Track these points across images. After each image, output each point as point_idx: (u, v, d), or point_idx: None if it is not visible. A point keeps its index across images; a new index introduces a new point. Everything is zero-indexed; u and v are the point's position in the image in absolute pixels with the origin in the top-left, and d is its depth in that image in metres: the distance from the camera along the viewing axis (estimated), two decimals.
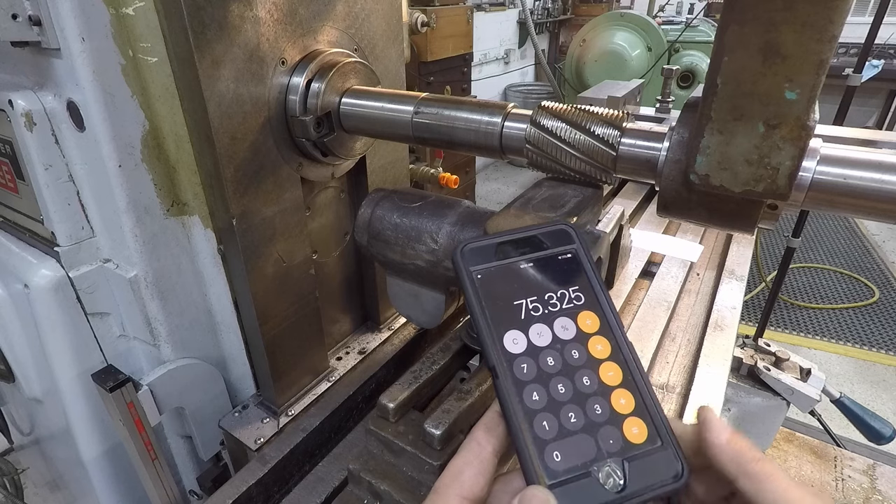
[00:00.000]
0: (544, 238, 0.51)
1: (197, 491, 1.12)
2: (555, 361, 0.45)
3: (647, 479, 0.42)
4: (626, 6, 7.17)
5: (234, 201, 0.81)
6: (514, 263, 0.49)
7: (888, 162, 0.54)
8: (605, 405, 0.44)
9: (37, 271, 0.89)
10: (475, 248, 0.49)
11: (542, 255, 0.50)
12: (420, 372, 0.70)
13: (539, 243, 0.50)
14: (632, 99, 1.80)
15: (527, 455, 0.42)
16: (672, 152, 0.63)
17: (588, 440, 0.43)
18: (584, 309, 0.48)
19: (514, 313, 0.47)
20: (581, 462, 0.42)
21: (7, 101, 0.80)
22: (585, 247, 0.51)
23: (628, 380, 0.46)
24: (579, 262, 0.50)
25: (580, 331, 0.47)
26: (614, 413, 0.44)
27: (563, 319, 0.47)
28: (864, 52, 2.35)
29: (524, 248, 0.50)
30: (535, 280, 0.49)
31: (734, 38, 0.50)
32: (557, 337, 0.46)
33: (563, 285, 0.49)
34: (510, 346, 0.45)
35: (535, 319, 0.47)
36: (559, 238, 0.51)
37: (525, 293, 0.48)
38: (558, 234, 0.51)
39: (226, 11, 0.73)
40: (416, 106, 0.84)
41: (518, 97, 7.02)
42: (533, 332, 0.46)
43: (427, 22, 3.08)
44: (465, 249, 0.49)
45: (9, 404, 1.25)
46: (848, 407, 2.11)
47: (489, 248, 0.49)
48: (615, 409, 0.44)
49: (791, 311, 4.19)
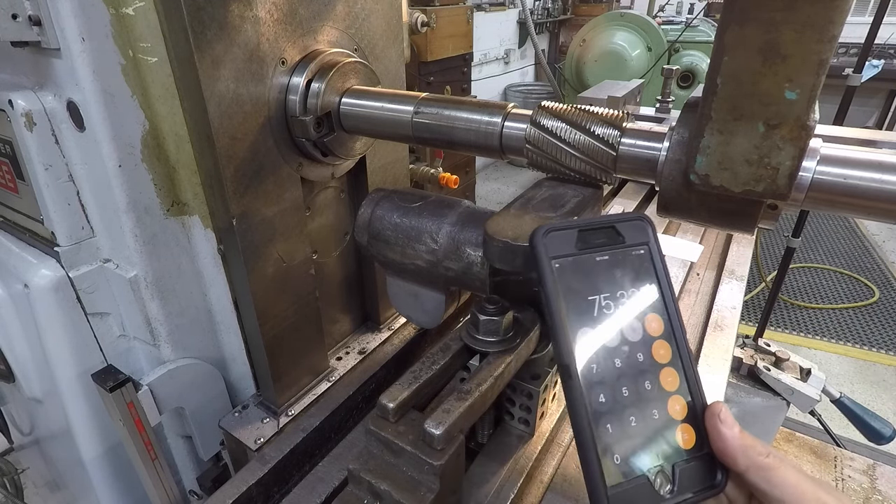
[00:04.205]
0: (622, 230, 0.50)
1: (197, 491, 1.12)
2: (621, 363, 0.45)
3: (693, 485, 0.43)
4: (626, 6, 7.17)
5: (234, 201, 0.81)
6: (591, 255, 0.48)
7: (888, 162, 0.54)
8: (663, 410, 0.44)
9: (37, 271, 0.89)
10: (556, 235, 0.48)
11: (618, 250, 0.49)
12: (420, 372, 0.70)
13: (616, 235, 0.50)
14: (632, 99, 1.80)
15: (592, 457, 0.42)
16: (672, 152, 0.63)
17: (646, 445, 0.43)
18: (652, 311, 0.48)
19: (587, 309, 0.46)
20: (638, 466, 0.42)
21: (7, 101, 0.80)
22: (658, 244, 0.50)
23: (684, 387, 0.46)
24: (651, 260, 0.50)
25: (646, 333, 0.47)
26: (670, 419, 0.44)
27: (632, 320, 0.47)
28: (864, 52, 2.35)
29: (602, 239, 0.49)
30: (610, 275, 0.48)
31: (734, 38, 0.50)
32: (626, 338, 0.46)
33: (634, 283, 0.48)
34: (583, 345, 0.45)
35: (606, 317, 0.46)
36: (636, 231, 0.50)
37: (600, 288, 0.47)
38: (635, 226, 0.50)
39: (226, 11, 0.73)
40: (416, 106, 0.84)
41: (518, 97, 7.02)
42: (604, 331, 0.46)
43: (427, 22, 3.08)
44: (546, 234, 0.48)
45: (9, 404, 1.25)
46: (848, 407, 2.11)
47: (570, 236, 0.48)
48: (671, 414, 0.45)
49: (791, 311, 4.19)
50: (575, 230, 0.48)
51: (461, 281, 0.88)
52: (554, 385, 0.89)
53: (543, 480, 0.84)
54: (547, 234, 0.47)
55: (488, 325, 0.73)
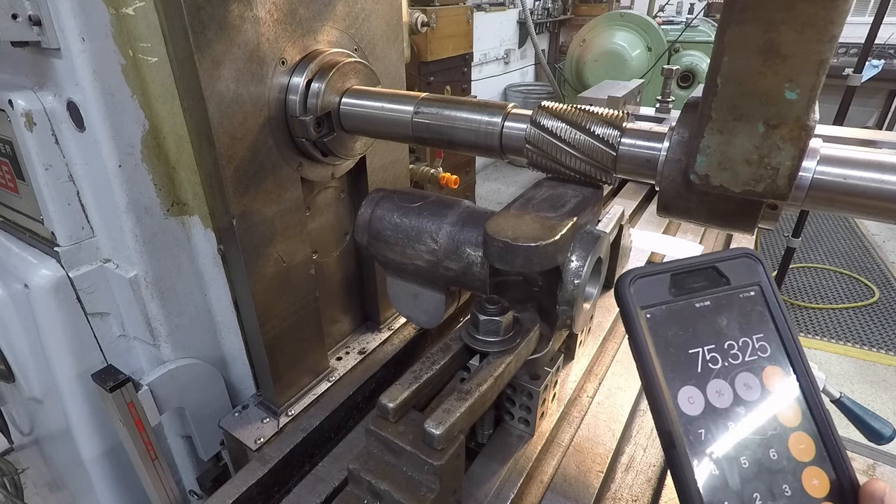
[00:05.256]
0: (725, 270, 0.44)
1: (197, 491, 1.12)
2: (736, 427, 0.38)
3: None
4: (626, 6, 7.17)
5: (234, 201, 0.81)
6: (690, 302, 0.42)
7: (888, 162, 0.54)
8: (797, 485, 0.37)
9: (37, 271, 0.89)
10: (646, 281, 0.42)
11: (722, 294, 0.43)
12: (420, 372, 0.70)
13: (718, 276, 0.44)
14: (632, 99, 1.80)
15: None
16: (672, 152, 0.63)
17: None
18: (770, 363, 0.41)
19: (689, 364, 0.40)
20: None
21: (7, 101, 0.80)
22: (772, 283, 0.44)
23: (822, 455, 0.38)
24: (765, 302, 0.43)
25: (766, 389, 0.40)
26: (806, 496, 0.37)
27: (745, 375, 0.40)
28: (864, 52, 2.36)
29: (701, 283, 0.43)
30: (714, 324, 0.42)
31: (734, 38, 0.50)
32: (739, 397, 0.39)
33: (745, 331, 0.42)
34: (686, 407, 0.39)
35: (713, 373, 0.40)
36: (742, 270, 0.44)
37: (702, 340, 0.41)
38: (741, 265, 0.44)
39: (226, 11, 0.73)
40: (416, 106, 0.84)
41: (518, 97, 7.02)
42: (711, 390, 0.39)
43: (427, 22, 3.08)
44: (633, 281, 0.42)
45: (9, 404, 1.25)
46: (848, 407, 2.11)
47: (661, 281, 0.43)
48: (808, 490, 0.37)
49: (791, 311, 4.19)
50: (668, 274, 0.43)
51: (461, 281, 0.88)
52: (554, 385, 0.89)
53: (543, 480, 0.84)
54: (634, 280, 0.42)
55: (488, 325, 0.73)
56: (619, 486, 0.85)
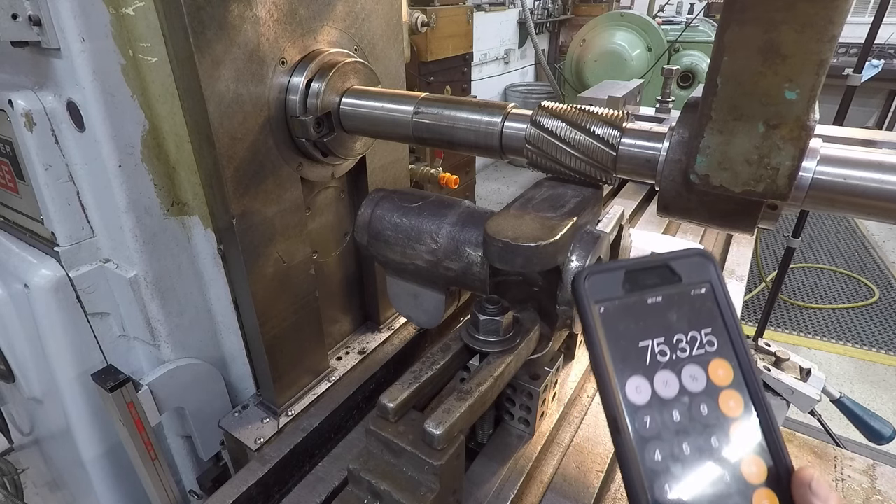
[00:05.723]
0: (677, 268, 0.45)
1: (197, 491, 1.12)
2: (681, 417, 0.41)
3: None
4: (626, 6, 7.17)
5: (234, 201, 0.81)
6: (641, 298, 0.44)
7: (888, 162, 0.54)
8: (736, 473, 0.39)
9: (37, 271, 0.89)
10: (600, 277, 0.44)
11: (674, 290, 0.44)
12: (420, 372, 0.70)
13: (671, 274, 0.45)
14: (632, 99, 1.80)
15: None
16: (672, 152, 0.63)
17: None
18: (717, 356, 0.43)
19: (638, 356, 0.42)
20: None
21: (7, 101, 0.80)
22: (722, 282, 0.45)
23: (761, 445, 0.40)
24: (715, 300, 0.44)
25: (711, 382, 0.42)
26: (745, 483, 0.39)
27: (692, 367, 0.42)
28: (864, 52, 2.35)
29: (654, 280, 0.45)
30: (665, 318, 0.43)
31: (734, 38, 0.50)
32: (685, 388, 0.42)
33: (694, 326, 0.43)
34: (633, 396, 0.41)
35: (661, 365, 0.42)
36: (693, 269, 0.45)
37: (652, 333, 0.43)
38: (693, 263, 0.45)
39: (226, 11, 0.73)
40: (416, 106, 0.84)
41: (518, 97, 7.02)
42: (658, 381, 0.41)
43: (427, 22, 3.08)
44: (588, 277, 0.44)
45: (9, 404, 1.25)
46: (848, 407, 2.11)
47: (615, 278, 0.44)
48: (746, 478, 0.39)
49: (791, 311, 4.19)
50: (622, 271, 0.44)
51: (461, 281, 0.88)
52: (554, 385, 0.89)
53: (543, 480, 0.84)
54: (589, 276, 0.43)
55: (488, 325, 0.73)
56: (619, 486, 0.85)
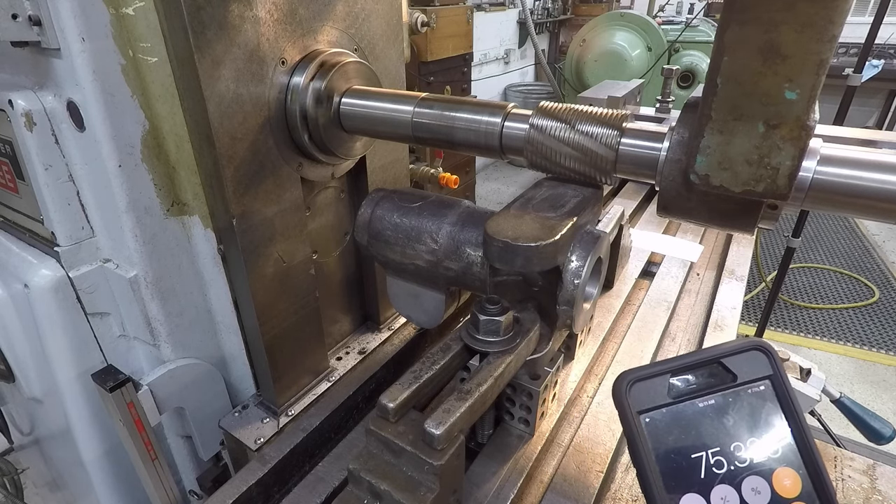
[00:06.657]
0: (731, 365, 0.41)
1: (197, 491, 1.12)
2: None
3: None
4: (626, 6, 7.17)
5: (234, 201, 0.81)
6: (692, 402, 0.40)
7: (888, 162, 0.54)
8: None
9: (37, 271, 0.89)
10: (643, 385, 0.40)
11: (729, 390, 0.40)
12: (420, 372, 0.70)
13: (724, 373, 0.41)
14: (632, 99, 1.80)
15: None
16: (672, 152, 0.63)
17: None
18: (782, 464, 0.38)
19: (691, 470, 0.38)
20: None
21: (7, 101, 0.80)
22: (784, 377, 0.41)
23: None
24: (776, 398, 0.40)
25: (776, 494, 0.38)
26: None
27: (754, 479, 0.38)
28: (864, 52, 2.36)
29: (705, 381, 0.40)
30: (719, 425, 0.39)
31: (734, 38, 0.50)
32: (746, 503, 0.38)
33: (753, 431, 0.39)
34: None
35: (718, 479, 0.38)
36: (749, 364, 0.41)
37: (706, 443, 0.38)
38: (748, 358, 0.41)
39: (226, 11, 0.73)
40: (416, 106, 0.84)
41: (518, 97, 7.02)
42: (716, 497, 0.38)
43: (427, 22, 3.08)
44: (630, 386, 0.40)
45: (9, 404, 1.24)
46: (848, 407, 2.11)
47: (660, 383, 0.40)
48: None
49: (791, 311, 4.19)
50: (667, 375, 0.40)
51: (461, 281, 0.88)
52: (554, 385, 0.89)
53: (543, 480, 0.84)
54: (631, 385, 0.40)
55: (488, 325, 0.73)
56: (619, 486, 0.85)
